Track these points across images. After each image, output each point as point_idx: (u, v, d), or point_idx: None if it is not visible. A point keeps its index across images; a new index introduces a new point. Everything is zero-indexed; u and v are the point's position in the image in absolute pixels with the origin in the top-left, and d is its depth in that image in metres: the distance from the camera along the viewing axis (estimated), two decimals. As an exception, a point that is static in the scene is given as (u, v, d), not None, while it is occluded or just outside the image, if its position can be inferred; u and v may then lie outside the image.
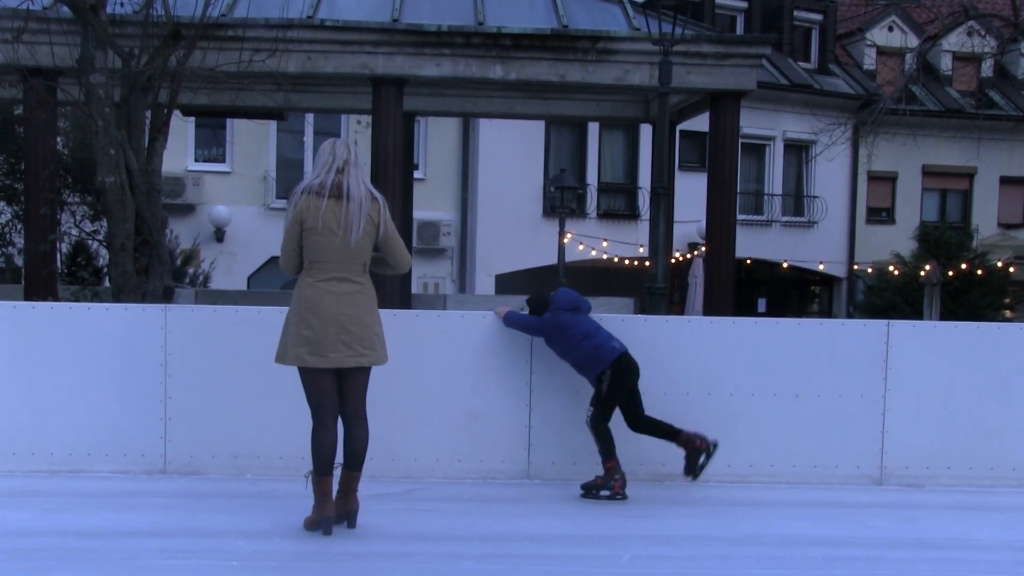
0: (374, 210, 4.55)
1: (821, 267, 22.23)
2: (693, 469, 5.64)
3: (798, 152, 22.96)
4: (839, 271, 23.21)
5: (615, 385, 5.56)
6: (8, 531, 4.59)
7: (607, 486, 5.56)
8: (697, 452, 5.62)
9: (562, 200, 17.35)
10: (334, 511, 4.65)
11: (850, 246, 23.30)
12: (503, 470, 5.96)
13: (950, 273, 17.91)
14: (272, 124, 17.95)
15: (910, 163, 23.37)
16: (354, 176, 4.52)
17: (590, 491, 5.61)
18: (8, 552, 4.28)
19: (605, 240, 19.92)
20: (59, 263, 11.82)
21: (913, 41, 22.14)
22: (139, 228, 7.52)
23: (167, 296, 7.68)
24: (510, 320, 5.85)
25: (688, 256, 19.35)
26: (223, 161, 19.05)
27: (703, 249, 13.67)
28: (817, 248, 22.36)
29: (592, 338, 5.63)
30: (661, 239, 10.36)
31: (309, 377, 4.59)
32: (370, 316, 4.60)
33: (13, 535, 4.53)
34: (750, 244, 19.54)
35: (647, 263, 10.88)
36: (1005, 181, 24.31)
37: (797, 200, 23.14)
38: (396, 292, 10.49)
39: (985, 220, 23.88)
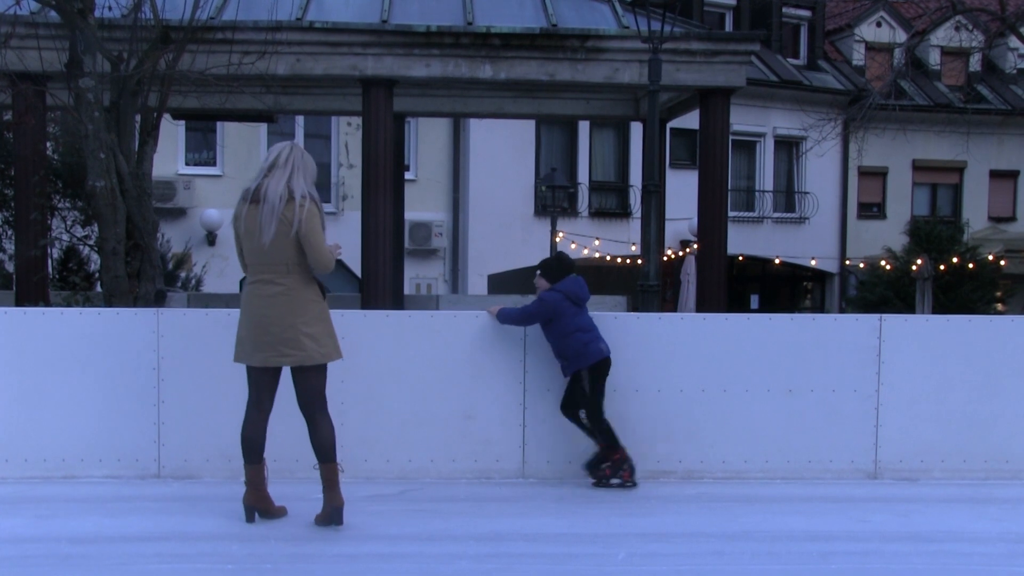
0: (289, 210, 4.55)
1: (813, 263, 22.29)
2: (593, 469, 5.80)
3: (788, 148, 23.01)
4: (831, 267, 23.26)
5: (595, 384, 5.71)
6: (1, 538, 4.58)
7: (616, 475, 5.72)
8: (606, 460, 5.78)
9: (553, 199, 17.37)
10: (252, 501, 4.83)
11: (841, 241, 23.36)
12: (498, 469, 5.96)
13: (941, 267, 17.98)
14: (262, 127, 17.91)
15: (900, 158, 23.44)
16: (276, 178, 4.58)
17: (601, 481, 5.75)
18: (1, 559, 4.27)
19: (597, 238, 19.93)
20: (50, 268, 11.76)
21: (901, 36, 22.21)
22: (130, 232, 7.49)
23: (159, 300, 7.66)
24: (506, 316, 5.85)
25: (680, 254, 19.38)
26: (214, 164, 18.99)
27: (695, 246, 13.69)
28: (809, 244, 22.42)
29: (586, 333, 5.72)
30: (653, 237, 10.36)
31: (247, 372, 4.80)
32: (295, 316, 4.63)
33: (6, 542, 4.52)
34: (742, 241, 19.58)
35: (639, 261, 10.88)
36: (995, 175, 24.41)
37: (788, 196, 23.19)
38: (388, 293, 10.47)
39: (975, 214, 23.95)
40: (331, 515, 4.77)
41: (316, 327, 4.69)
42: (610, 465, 5.74)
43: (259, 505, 4.85)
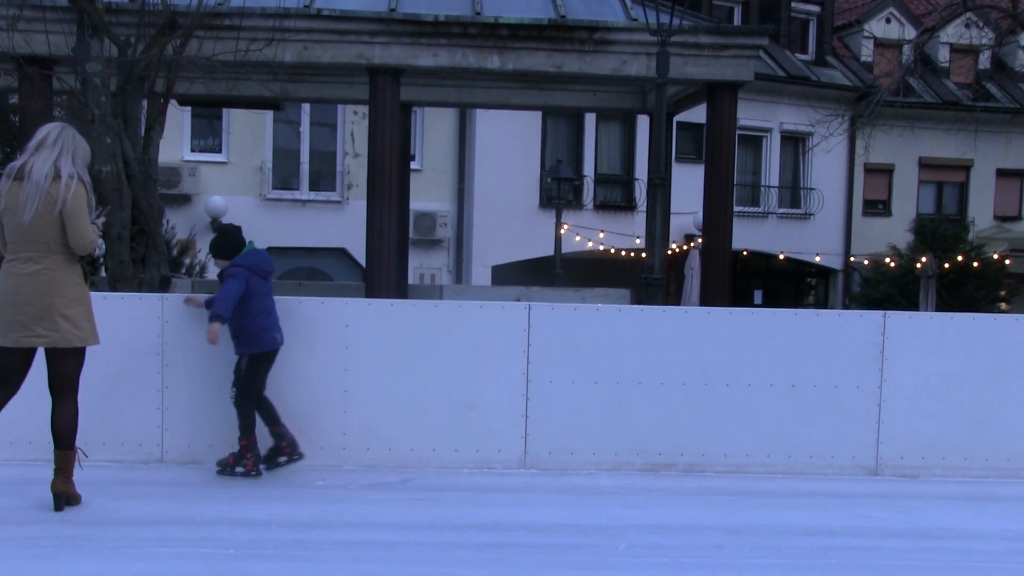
0: (55, 188, 4.52)
1: (817, 259, 22.24)
2: (268, 460, 5.69)
3: (795, 144, 22.95)
4: (835, 263, 23.22)
5: (252, 371, 5.54)
6: (6, 520, 4.60)
7: (240, 463, 5.58)
8: (280, 451, 5.69)
9: (559, 191, 17.36)
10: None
11: (846, 238, 23.32)
12: (500, 459, 5.98)
13: (946, 265, 17.95)
14: (268, 114, 17.89)
15: (907, 155, 23.37)
16: (43, 157, 4.55)
17: (225, 468, 5.59)
18: (6, 541, 4.29)
19: (602, 231, 19.92)
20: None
21: (911, 33, 22.14)
22: (135, 218, 7.52)
23: (164, 286, 7.68)
24: (217, 309, 5.39)
25: (685, 247, 19.35)
26: (219, 151, 18.98)
27: (699, 241, 13.68)
28: (813, 240, 22.38)
29: (266, 317, 5.54)
30: (658, 230, 10.36)
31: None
32: (53, 296, 4.55)
33: (11, 524, 4.54)
34: (747, 236, 19.55)
35: (644, 254, 10.88)
36: (1001, 173, 24.32)
37: (794, 192, 23.14)
38: (392, 282, 10.48)
39: (981, 212, 23.89)
40: (54, 498, 4.71)
41: (74, 309, 4.60)
42: (235, 452, 5.59)
43: (53, 489, 4.72)
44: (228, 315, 5.40)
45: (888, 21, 23.88)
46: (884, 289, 18.83)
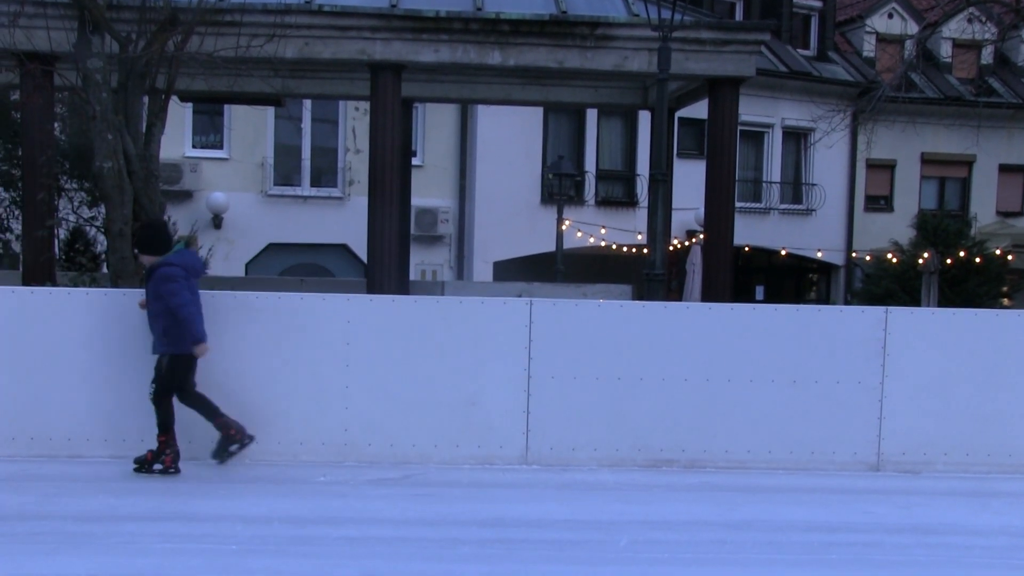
0: None
1: (819, 255, 22.21)
2: (221, 454, 5.70)
3: (797, 139, 22.90)
4: (837, 259, 23.18)
5: (172, 370, 5.51)
6: (8, 515, 4.61)
7: (159, 460, 5.54)
8: (230, 440, 5.68)
9: (560, 187, 17.32)
10: None
11: (848, 234, 23.28)
12: (501, 455, 5.98)
13: (948, 261, 17.90)
14: (270, 110, 17.85)
15: (909, 151, 23.32)
16: None
17: (143, 465, 5.55)
18: (8, 536, 4.30)
19: (603, 227, 19.89)
20: (57, 249, 11.77)
21: (913, 28, 22.07)
22: (137, 214, 7.50)
23: (165, 282, 7.66)
24: (197, 327, 5.46)
25: (686, 243, 19.34)
26: (221, 147, 18.95)
27: (701, 236, 13.67)
28: (815, 236, 22.33)
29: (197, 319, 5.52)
30: (659, 226, 10.34)
31: None
32: None
33: (14, 519, 4.55)
34: (748, 232, 19.51)
35: (645, 250, 10.87)
36: (1004, 169, 24.27)
37: (795, 188, 23.10)
38: (394, 278, 10.47)
39: (984, 208, 23.83)
40: None
41: None
42: (154, 449, 5.55)
43: None
44: (192, 326, 5.45)
45: (890, 16, 23.82)
46: (886, 285, 18.78)
